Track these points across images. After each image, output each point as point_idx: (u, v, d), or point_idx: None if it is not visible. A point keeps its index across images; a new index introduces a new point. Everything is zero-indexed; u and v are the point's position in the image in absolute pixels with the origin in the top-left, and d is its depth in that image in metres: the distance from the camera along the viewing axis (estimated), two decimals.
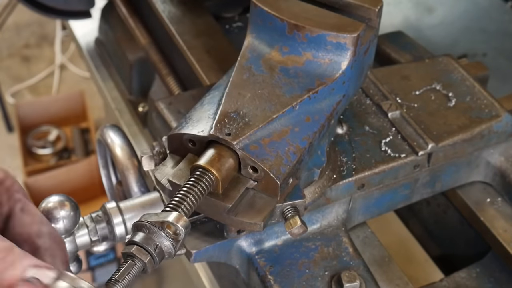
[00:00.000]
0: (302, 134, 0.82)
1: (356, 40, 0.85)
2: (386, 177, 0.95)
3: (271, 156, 0.79)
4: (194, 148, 0.82)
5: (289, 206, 0.80)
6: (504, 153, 1.04)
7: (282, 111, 0.82)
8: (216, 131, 0.79)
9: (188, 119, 0.83)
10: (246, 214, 0.78)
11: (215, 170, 0.75)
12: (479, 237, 1.04)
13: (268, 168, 0.78)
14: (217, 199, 0.78)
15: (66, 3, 1.47)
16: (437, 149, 0.96)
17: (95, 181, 2.96)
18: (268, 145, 0.80)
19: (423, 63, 1.10)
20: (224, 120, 0.80)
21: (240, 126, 0.80)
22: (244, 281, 0.94)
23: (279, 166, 0.79)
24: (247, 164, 0.79)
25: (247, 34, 0.90)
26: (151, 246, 0.68)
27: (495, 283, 1.00)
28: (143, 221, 0.69)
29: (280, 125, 0.82)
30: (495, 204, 1.04)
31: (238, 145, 0.78)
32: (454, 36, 1.68)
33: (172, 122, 1.03)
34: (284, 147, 0.80)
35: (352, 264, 0.89)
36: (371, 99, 1.03)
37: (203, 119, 0.82)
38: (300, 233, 0.80)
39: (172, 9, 1.30)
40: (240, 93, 0.84)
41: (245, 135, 0.79)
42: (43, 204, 0.81)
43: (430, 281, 1.02)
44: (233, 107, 0.82)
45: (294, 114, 0.83)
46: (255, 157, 0.78)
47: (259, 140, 0.80)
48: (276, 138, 0.81)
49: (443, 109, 1.02)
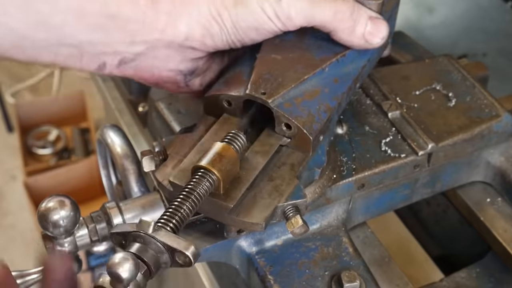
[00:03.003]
0: (331, 95, 0.87)
1: (381, 6, 0.90)
2: (386, 177, 0.95)
3: (304, 114, 0.83)
4: (230, 108, 0.86)
5: (290, 206, 0.80)
6: (504, 153, 1.04)
7: (313, 72, 0.86)
8: (252, 90, 0.83)
9: (222, 82, 0.87)
10: (247, 214, 0.78)
11: (216, 170, 0.76)
12: (479, 237, 1.04)
13: (301, 124, 0.82)
14: (218, 199, 0.78)
15: None
16: (437, 149, 0.96)
17: (95, 181, 2.96)
18: (301, 103, 0.84)
19: (423, 63, 1.10)
20: (258, 81, 0.84)
21: (274, 86, 0.84)
22: (244, 281, 0.94)
23: (311, 123, 0.83)
24: (281, 122, 0.83)
25: None
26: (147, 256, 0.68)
27: (495, 283, 1.00)
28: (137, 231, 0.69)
29: (311, 86, 0.86)
30: (495, 204, 1.04)
31: (273, 103, 0.82)
32: (454, 36, 1.68)
33: (172, 122, 1.03)
34: (315, 106, 0.84)
35: (352, 264, 0.89)
36: (371, 99, 1.03)
37: (237, 81, 0.86)
38: (302, 232, 0.80)
39: None
40: (273, 56, 0.88)
41: (279, 94, 0.83)
42: (43, 204, 0.81)
43: (430, 281, 1.02)
44: (266, 69, 0.86)
45: (324, 75, 0.87)
46: (289, 114, 0.82)
47: (292, 99, 0.84)
48: (308, 97, 0.85)
49: (443, 109, 1.02)
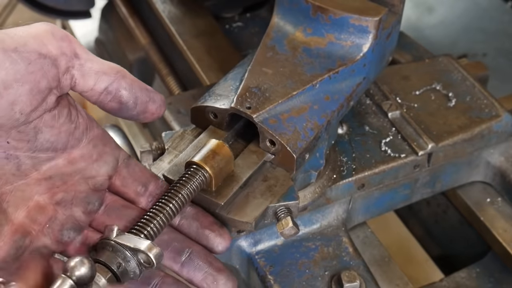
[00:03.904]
0: (320, 112, 0.85)
1: (378, 24, 0.87)
2: (386, 177, 0.95)
3: (289, 130, 0.81)
4: (215, 120, 0.85)
5: (282, 207, 0.80)
6: (504, 153, 1.04)
7: (302, 88, 0.85)
8: (237, 104, 0.82)
9: (211, 92, 0.86)
10: (238, 212, 0.79)
11: (209, 167, 0.76)
12: (479, 237, 1.04)
13: (285, 141, 0.81)
14: (210, 196, 0.78)
15: (66, 3, 1.47)
16: (437, 149, 0.96)
17: None
18: (287, 120, 0.82)
19: (423, 63, 1.10)
20: (245, 94, 0.83)
21: (261, 100, 0.83)
22: (244, 281, 0.94)
23: (296, 140, 0.81)
24: (265, 137, 0.82)
25: (273, 14, 0.93)
26: (114, 265, 0.67)
27: (495, 283, 1.00)
28: (111, 241, 0.68)
29: (300, 102, 0.85)
30: (495, 204, 1.04)
31: (258, 118, 0.81)
32: (454, 36, 1.68)
33: (172, 122, 1.03)
34: (302, 123, 0.83)
35: (352, 264, 0.89)
36: (371, 99, 1.03)
37: (226, 93, 0.85)
38: (292, 234, 0.79)
39: (172, 9, 1.30)
40: (263, 70, 0.87)
41: (264, 109, 0.82)
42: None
43: (430, 281, 1.02)
44: (255, 82, 0.85)
45: (314, 92, 0.86)
46: (273, 130, 0.81)
47: (278, 114, 0.82)
48: (295, 114, 0.83)
49: (443, 109, 1.02)
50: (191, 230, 0.78)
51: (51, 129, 0.71)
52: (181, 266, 0.75)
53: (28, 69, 0.67)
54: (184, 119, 1.03)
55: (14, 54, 0.66)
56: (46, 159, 0.73)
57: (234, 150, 0.83)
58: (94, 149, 0.76)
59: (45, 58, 0.68)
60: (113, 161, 0.77)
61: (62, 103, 0.72)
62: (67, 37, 0.71)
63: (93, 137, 0.76)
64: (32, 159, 0.72)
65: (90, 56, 0.73)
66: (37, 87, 0.68)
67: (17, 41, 0.67)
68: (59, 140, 0.72)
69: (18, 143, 0.70)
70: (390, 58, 0.99)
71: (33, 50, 0.67)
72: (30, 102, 0.68)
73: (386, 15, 0.89)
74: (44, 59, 0.68)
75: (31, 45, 0.67)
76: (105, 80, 0.73)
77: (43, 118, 0.70)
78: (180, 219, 0.78)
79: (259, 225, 0.87)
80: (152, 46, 1.35)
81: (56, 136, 0.72)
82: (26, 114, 0.68)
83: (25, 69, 0.66)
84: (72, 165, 0.74)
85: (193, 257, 0.75)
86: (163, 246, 0.74)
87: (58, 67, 0.69)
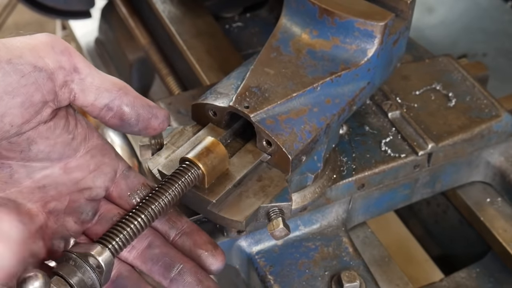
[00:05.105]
0: (320, 115, 0.85)
1: (384, 29, 0.87)
2: (386, 177, 0.95)
3: (286, 132, 0.82)
4: (215, 118, 0.85)
5: (274, 208, 0.80)
6: (504, 153, 1.04)
7: (303, 90, 0.85)
8: (236, 103, 0.82)
9: (213, 90, 0.86)
10: (229, 211, 0.79)
11: (202, 164, 0.76)
12: (479, 237, 1.04)
13: (281, 142, 0.81)
14: (202, 193, 0.78)
15: (66, 3, 1.47)
16: (437, 149, 0.96)
17: None
18: (285, 121, 0.82)
19: (423, 63, 1.10)
20: (245, 94, 0.83)
21: (260, 100, 0.83)
22: (244, 281, 0.94)
23: (293, 142, 0.81)
24: (262, 138, 0.82)
25: (281, 15, 0.93)
26: (74, 278, 0.66)
27: (495, 283, 1.00)
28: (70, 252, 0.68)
29: (299, 104, 0.85)
30: (495, 204, 1.04)
31: (255, 118, 0.81)
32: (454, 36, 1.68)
33: (172, 122, 1.03)
34: (300, 125, 0.83)
35: (352, 264, 0.89)
36: (371, 99, 1.03)
37: (227, 91, 0.85)
38: (282, 236, 0.79)
39: (172, 9, 1.30)
40: (265, 70, 0.87)
41: (262, 109, 0.82)
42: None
43: (430, 281, 1.02)
44: (256, 82, 0.85)
45: (314, 94, 0.86)
46: (270, 131, 0.81)
47: (276, 115, 0.82)
48: (294, 115, 0.83)
49: (443, 109, 1.02)
50: (184, 248, 0.77)
51: (46, 140, 0.70)
52: (170, 282, 0.74)
53: (20, 82, 0.65)
54: (184, 119, 1.03)
55: (7, 66, 0.65)
56: (41, 168, 0.72)
57: (231, 148, 0.83)
58: (92, 160, 0.75)
59: (40, 71, 0.67)
60: (111, 172, 0.77)
61: (59, 114, 0.71)
62: (67, 51, 0.70)
63: (91, 147, 0.75)
64: (25, 167, 0.71)
65: (93, 71, 0.72)
66: (30, 100, 0.66)
67: (13, 52, 0.66)
68: (54, 151, 0.72)
69: (9, 153, 0.69)
70: (398, 65, 0.98)
71: (28, 62, 0.66)
72: (21, 115, 0.66)
73: (393, 21, 0.88)
74: (39, 72, 0.67)
75: (27, 57, 0.66)
76: (106, 96, 0.72)
77: (37, 130, 0.69)
78: (175, 236, 0.78)
79: (258, 225, 0.87)
80: (152, 46, 1.35)
81: (52, 147, 0.71)
82: (18, 126, 0.67)
83: (17, 82, 0.65)
84: (67, 174, 0.74)
85: (182, 274, 0.74)
86: (154, 260, 0.74)
87: (54, 80, 0.68)
